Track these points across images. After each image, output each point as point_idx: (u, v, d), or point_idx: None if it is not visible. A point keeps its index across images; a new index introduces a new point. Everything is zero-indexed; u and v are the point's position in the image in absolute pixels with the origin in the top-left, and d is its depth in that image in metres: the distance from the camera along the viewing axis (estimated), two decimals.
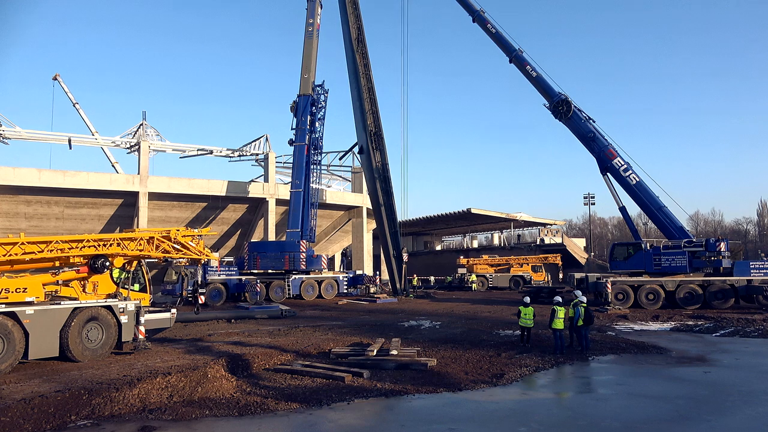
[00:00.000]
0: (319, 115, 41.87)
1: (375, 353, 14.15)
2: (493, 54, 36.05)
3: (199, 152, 50.34)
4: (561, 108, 31.79)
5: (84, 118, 57.59)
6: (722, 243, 28.17)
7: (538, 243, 64.31)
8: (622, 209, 31.35)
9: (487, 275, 50.50)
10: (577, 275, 33.62)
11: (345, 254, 76.25)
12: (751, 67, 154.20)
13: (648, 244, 30.19)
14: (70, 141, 44.78)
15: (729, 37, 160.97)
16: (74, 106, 58.29)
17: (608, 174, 30.81)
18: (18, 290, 12.64)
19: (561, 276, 55.18)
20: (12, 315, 12.16)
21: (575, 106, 31.65)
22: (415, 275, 49.31)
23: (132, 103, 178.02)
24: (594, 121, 31.78)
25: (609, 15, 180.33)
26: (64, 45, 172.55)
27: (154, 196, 42.67)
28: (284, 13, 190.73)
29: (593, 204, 75.45)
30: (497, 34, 34.66)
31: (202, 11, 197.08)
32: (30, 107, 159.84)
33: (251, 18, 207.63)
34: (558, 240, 63.04)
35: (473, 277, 49.29)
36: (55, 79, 58.04)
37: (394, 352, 14.09)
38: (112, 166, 54.83)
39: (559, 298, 16.11)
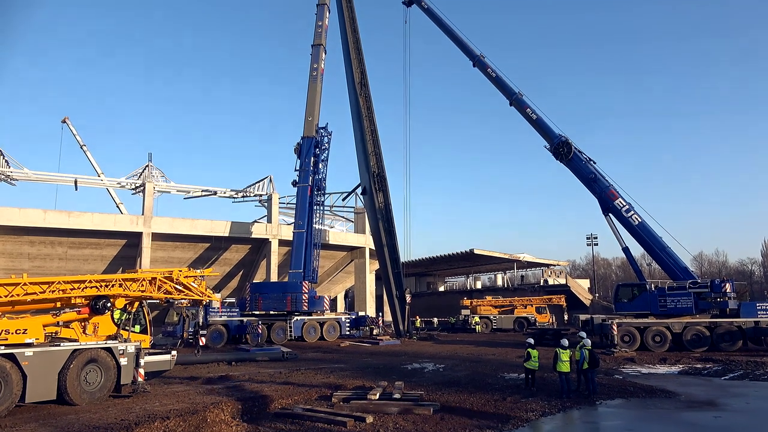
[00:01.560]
0: (323, 157, 42.35)
1: (378, 397, 13.87)
2: (494, 95, 36.95)
3: (204, 193, 50.73)
4: (562, 150, 32.13)
5: (91, 160, 58.43)
6: (727, 284, 27.91)
7: (541, 284, 63.88)
8: (626, 250, 31.25)
9: (491, 317, 49.92)
10: (582, 317, 33.24)
11: (347, 295, 75.71)
12: (756, 115, 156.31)
13: (653, 285, 29.94)
14: (76, 182, 45.26)
15: (730, 82, 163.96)
16: (82, 148, 59.23)
17: (610, 215, 30.84)
18: (18, 331, 12.55)
19: (566, 317, 54.55)
20: (11, 357, 12.03)
21: (575, 148, 31.97)
22: (417, 316, 48.80)
23: (138, 144, 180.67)
24: (595, 162, 32.06)
25: (608, 51, 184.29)
26: (75, 88, 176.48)
27: (157, 237, 42.77)
28: (288, 56, 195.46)
29: (596, 244, 75.35)
30: (497, 78, 35.39)
31: (208, 54, 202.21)
32: (39, 149, 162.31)
33: (255, 60, 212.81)
34: (562, 281, 62.62)
35: (476, 319, 48.74)
36: (64, 122, 59.18)
37: (398, 396, 13.81)
38: (117, 206, 55.25)
39: (565, 341, 15.87)
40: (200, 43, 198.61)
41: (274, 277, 45.88)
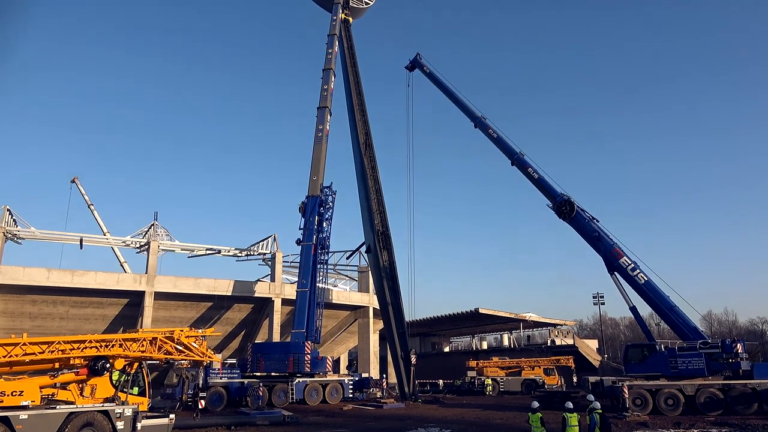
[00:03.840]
0: (327, 215, 42.58)
1: None
2: (496, 155, 37.71)
3: (207, 252, 50.80)
4: (564, 208, 32.30)
5: (97, 219, 59.07)
6: (739, 344, 27.32)
7: (549, 344, 62.58)
8: (633, 309, 30.79)
9: (498, 378, 48.63)
10: (592, 379, 32.34)
11: (350, 356, 74.21)
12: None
13: (663, 346, 29.31)
14: (81, 241, 45.49)
15: (735, 140, 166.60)
16: (89, 207, 59.99)
17: (616, 273, 30.59)
18: (14, 393, 12.32)
19: (575, 379, 53.09)
20: (5, 420, 11.75)
21: (578, 206, 32.15)
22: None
23: (143, 204, 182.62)
24: (598, 221, 32.13)
25: (609, 111, 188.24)
26: (83, 148, 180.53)
27: (160, 296, 42.52)
28: (293, 115, 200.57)
29: (603, 303, 74.08)
30: (499, 138, 36.11)
31: (213, 117, 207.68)
32: (46, 208, 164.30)
33: (260, 120, 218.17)
34: (569, 341, 61.39)
35: (488, 381, 47.51)
36: (73, 182, 60.26)
37: None
38: (121, 265, 55.31)
39: (569, 404, 15.37)
40: (205, 105, 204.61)
41: (276, 337, 45.19)
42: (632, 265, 30.10)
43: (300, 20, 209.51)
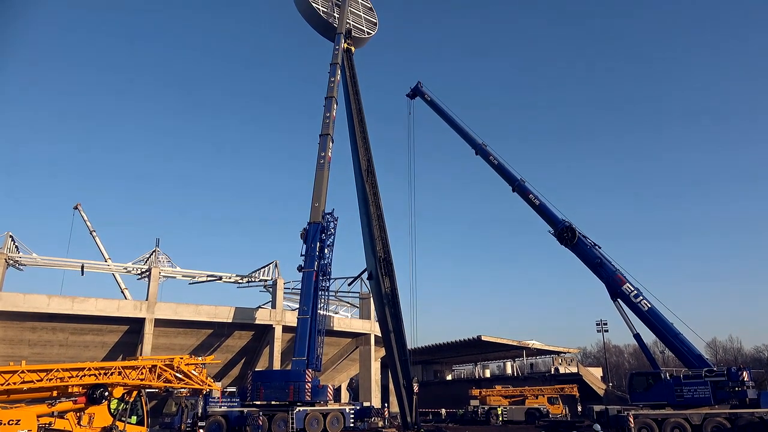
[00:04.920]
0: (329, 242, 42.50)
1: None
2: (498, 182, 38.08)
3: (209, 278, 50.68)
4: (566, 235, 32.31)
5: (99, 245, 59.15)
6: (745, 372, 27.02)
7: (552, 372, 61.77)
8: (637, 336, 30.53)
9: (501, 407, 47.90)
10: (597, 408, 31.87)
11: (351, 384, 73.32)
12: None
13: (668, 374, 28.96)
14: (83, 267, 45.44)
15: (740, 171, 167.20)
16: (91, 233, 60.12)
17: (619, 300, 30.43)
18: (11, 422, 12.18)
19: (579, 408, 52.25)
20: None
21: (580, 233, 32.14)
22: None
23: (145, 230, 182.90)
24: (600, 247, 32.09)
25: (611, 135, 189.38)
26: (87, 173, 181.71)
27: (160, 323, 42.27)
28: (296, 140, 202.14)
29: (606, 331, 73.22)
30: (499, 165, 36.30)
31: (214, 142, 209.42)
32: (49, 234, 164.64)
33: (263, 146, 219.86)
34: (573, 369, 60.61)
35: (500, 410, 46.91)
36: (75, 208, 60.54)
37: None
38: (122, 292, 55.16)
39: None
40: (205, 133, 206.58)
41: (277, 365, 44.74)
42: (635, 291, 29.95)
43: (305, 46, 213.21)
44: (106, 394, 14.10)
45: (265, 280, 51.51)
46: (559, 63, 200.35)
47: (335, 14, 55.20)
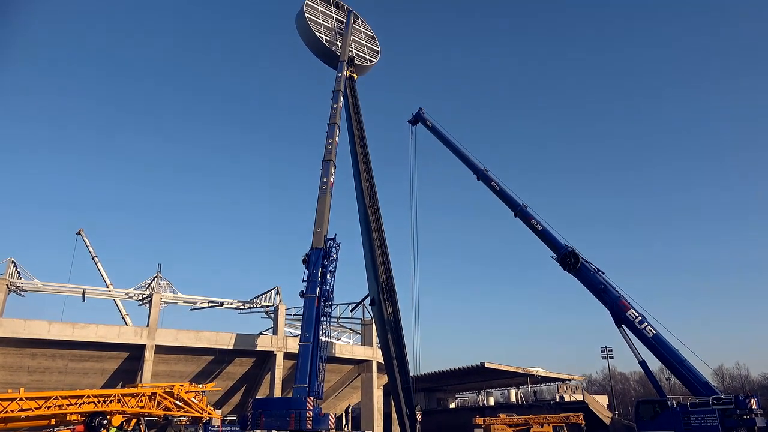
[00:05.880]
0: (331, 268, 42.33)
1: None
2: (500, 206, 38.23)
3: (210, 304, 50.40)
4: (569, 260, 32.16)
5: (101, 271, 59.06)
6: (753, 399, 26.55)
7: (557, 400, 60.83)
8: (642, 363, 30.12)
9: None
10: None
11: (353, 412, 72.19)
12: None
13: (675, 402, 28.50)
14: (84, 293, 45.31)
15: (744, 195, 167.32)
16: (93, 259, 60.11)
17: (624, 326, 30.13)
18: None
19: None
20: None
21: (583, 258, 32.00)
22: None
23: (148, 256, 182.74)
24: (603, 273, 31.89)
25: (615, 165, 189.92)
26: (90, 198, 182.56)
27: (160, 350, 41.92)
28: (297, 166, 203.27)
29: (611, 358, 72.46)
30: (501, 190, 36.38)
31: (217, 169, 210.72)
32: (50, 260, 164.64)
33: (264, 173, 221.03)
34: (578, 397, 59.69)
35: None
36: (78, 234, 60.65)
37: None
38: (123, 318, 54.85)
39: None
40: (205, 162, 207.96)
41: (278, 392, 44.16)
42: (639, 317, 29.67)
43: (307, 74, 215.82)
44: (105, 422, 13.94)
45: (267, 306, 51.20)
46: (561, 85, 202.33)
47: (338, 42, 56.12)
